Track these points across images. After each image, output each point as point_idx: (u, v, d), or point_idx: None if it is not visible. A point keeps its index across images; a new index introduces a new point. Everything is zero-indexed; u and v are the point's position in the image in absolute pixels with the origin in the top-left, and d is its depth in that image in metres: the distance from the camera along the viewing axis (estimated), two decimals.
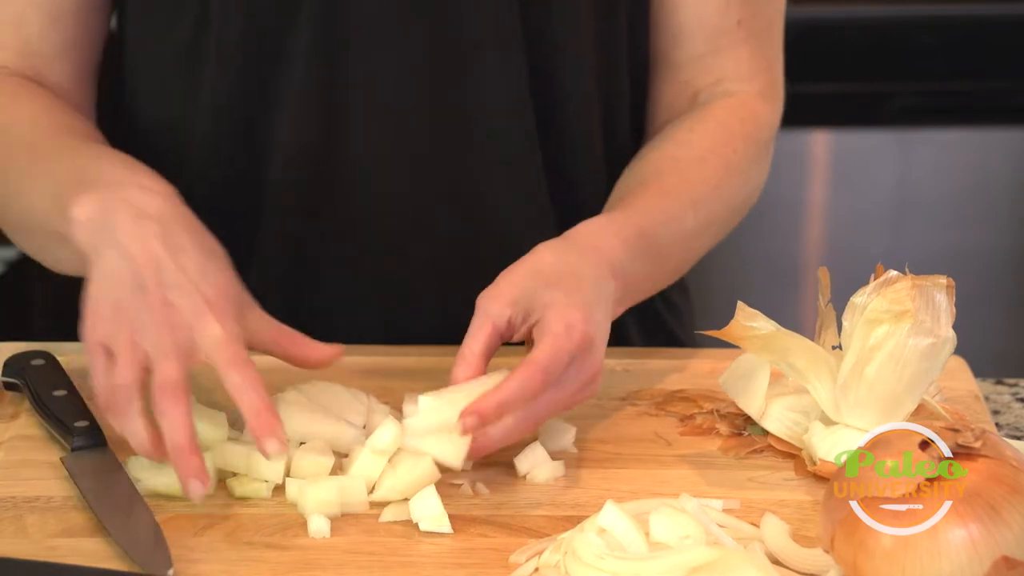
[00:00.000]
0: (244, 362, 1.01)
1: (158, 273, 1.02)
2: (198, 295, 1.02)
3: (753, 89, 1.29)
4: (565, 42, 1.26)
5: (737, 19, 1.28)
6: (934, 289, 1.06)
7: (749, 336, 1.09)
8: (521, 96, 1.25)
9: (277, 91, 1.24)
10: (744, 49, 1.28)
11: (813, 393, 1.10)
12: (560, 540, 0.99)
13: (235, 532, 1.01)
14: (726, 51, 1.28)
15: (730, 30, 1.28)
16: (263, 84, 1.25)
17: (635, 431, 1.15)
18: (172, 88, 1.28)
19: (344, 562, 0.98)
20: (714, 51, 1.28)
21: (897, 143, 2.28)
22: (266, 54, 1.24)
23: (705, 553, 0.94)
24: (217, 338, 1.01)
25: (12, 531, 1.00)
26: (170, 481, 1.04)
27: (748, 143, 1.27)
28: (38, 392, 1.13)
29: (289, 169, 1.26)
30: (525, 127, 1.26)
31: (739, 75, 1.29)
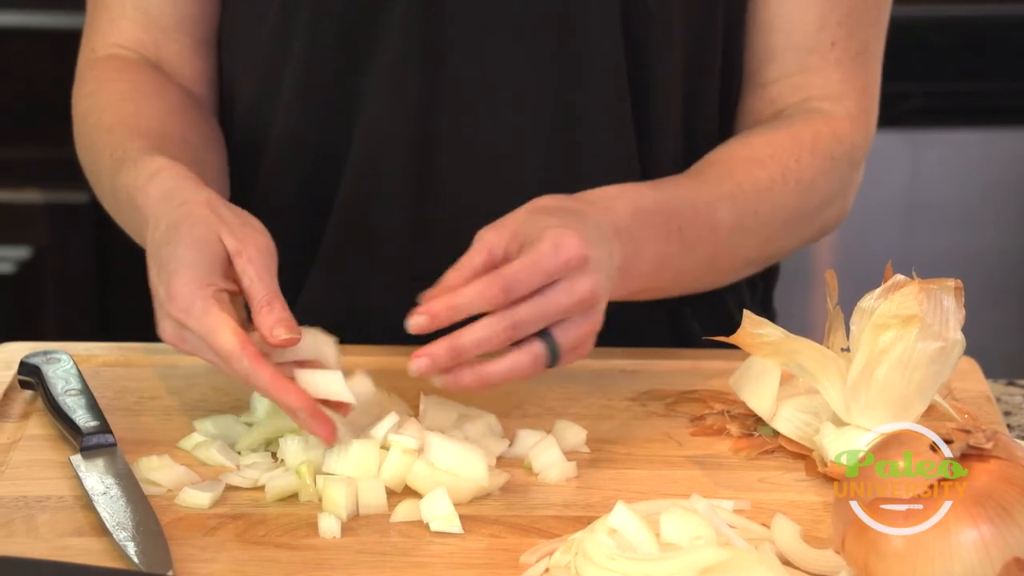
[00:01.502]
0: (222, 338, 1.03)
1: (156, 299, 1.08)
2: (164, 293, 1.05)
3: (841, 109, 1.27)
4: (661, 60, 1.26)
5: (831, 40, 1.26)
6: (942, 292, 1.06)
7: (757, 343, 1.09)
8: (623, 116, 1.26)
9: (369, 72, 1.24)
10: (836, 70, 1.27)
11: (823, 394, 1.10)
12: (571, 540, 0.99)
13: (245, 532, 1.01)
14: (816, 70, 1.27)
15: (823, 50, 1.27)
16: (355, 64, 1.24)
17: (645, 432, 1.15)
18: (261, 70, 1.29)
19: (355, 562, 0.98)
20: (804, 70, 1.27)
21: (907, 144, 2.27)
22: (359, 31, 1.23)
23: (716, 554, 0.94)
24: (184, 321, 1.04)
25: (24, 530, 1.00)
26: (174, 476, 1.05)
27: (817, 156, 1.24)
28: (51, 391, 1.13)
29: (371, 157, 1.26)
30: (627, 139, 1.26)
31: (828, 95, 1.27)
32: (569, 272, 1.05)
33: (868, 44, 1.28)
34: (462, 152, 1.25)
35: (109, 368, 1.21)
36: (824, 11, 1.26)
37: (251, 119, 1.30)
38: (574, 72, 1.24)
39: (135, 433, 1.12)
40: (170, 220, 1.08)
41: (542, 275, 1.04)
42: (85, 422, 1.09)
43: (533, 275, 1.04)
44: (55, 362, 1.16)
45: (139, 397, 1.17)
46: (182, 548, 0.99)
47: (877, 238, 2.27)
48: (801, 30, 1.27)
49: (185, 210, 1.08)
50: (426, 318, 1.03)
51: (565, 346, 1.06)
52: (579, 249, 1.05)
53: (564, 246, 1.05)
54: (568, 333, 1.06)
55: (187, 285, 1.04)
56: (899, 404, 1.07)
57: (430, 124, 1.24)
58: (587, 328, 1.07)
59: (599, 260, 1.07)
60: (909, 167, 2.28)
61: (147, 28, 1.29)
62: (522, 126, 1.24)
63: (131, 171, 1.14)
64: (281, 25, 1.26)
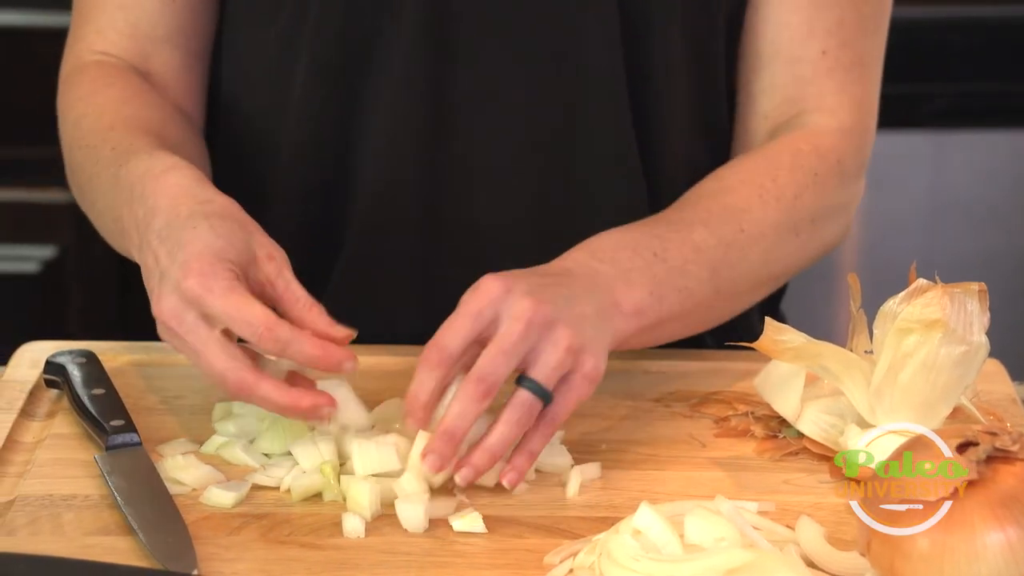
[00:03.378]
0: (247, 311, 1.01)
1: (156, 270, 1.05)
2: (178, 271, 1.03)
3: (833, 122, 1.24)
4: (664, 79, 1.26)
5: (822, 49, 1.24)
6: (966, 296, 1.05)
7: (780, 348, 1.09)
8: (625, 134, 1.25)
9: (374, 85, 1.24)
10: (829, 81, 1.24)
11: (848, 396, 1.10)
12: (595, 541, 0.99)
13: (269, 531, 1.01)
14: (808, 81, 1.24)
15: (813, 59, 1.24)
16: (359, 78, 1.24)
17: (669, 433, 1.15)
18: (266, 82, 1.28)
19: (379, 562, 0.98)
20: (795, 80, 1.25)
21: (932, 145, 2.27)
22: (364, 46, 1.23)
23: (740, 555, 0.94)
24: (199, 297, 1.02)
25: (49, 529, 1.01)
26: (200, 475, 1.05)
27: (797, 173, 1.21)
28: (77, 390, 1.13)
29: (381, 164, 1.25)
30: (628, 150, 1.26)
31: (821, 107, 1.24)
32: (500, 304, 1.04)
33: (864, 55, 1.25)
34: (467, 165, 1.25)
35: (133, 367, 1.21)
36: (811, 17, 1.24)
37: (255, 139, 1.30)
38: (576, 83, 1.24)
39: (160, 432, 1.12)
40: (193, 210, 1.06)
41: (469, 319, 1.04)
42: (110, 421, 1.09)
43: (460, 323, 1.04)
44: (81, 361, 1.17)
45: (163, 396, 1.18)
46: (206, 547, 0.99)
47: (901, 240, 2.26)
48: (787, 36, 1.25)
49: (211, 207, 1.07)
50: (433, 457, 1.03)
51: (547, 380, 1.04)
52: (494, 281, 1.04)
53: (479, 286, 1.05)
54: (544, 366, 1.04)
55: (211, 264, 1.02)
56: (924, 407, 1.07)
57: (435, 139, 1.24)
58: (561, 349, 1.04)
59: (535, 285, 1.05)
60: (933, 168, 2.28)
61: (136, 39, 1.27)
62: (525, 137, 1.24)
63: (144, 161, 1.12)
64: (285, 45, 1.26)
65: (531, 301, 1.04)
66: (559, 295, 1.06)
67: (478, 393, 1.02)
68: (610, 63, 1.23)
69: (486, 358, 1.03)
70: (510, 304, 1.04)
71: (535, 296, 1.04)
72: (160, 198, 1.08)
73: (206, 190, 1.09)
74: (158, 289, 1.05)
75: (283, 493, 1.05)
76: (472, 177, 1.25)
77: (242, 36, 1.29)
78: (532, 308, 1.04)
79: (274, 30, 1.26)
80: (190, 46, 1.29)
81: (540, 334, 1.04)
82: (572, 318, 1.05)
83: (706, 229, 1.17)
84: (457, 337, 1.04)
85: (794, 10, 1.24)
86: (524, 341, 1.03)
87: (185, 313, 1.03)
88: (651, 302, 1.12)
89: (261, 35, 1.27)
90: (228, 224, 1.06)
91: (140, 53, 1.27)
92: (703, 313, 1.19)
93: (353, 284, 1.29)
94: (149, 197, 1.09)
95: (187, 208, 1.06)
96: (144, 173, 1.11)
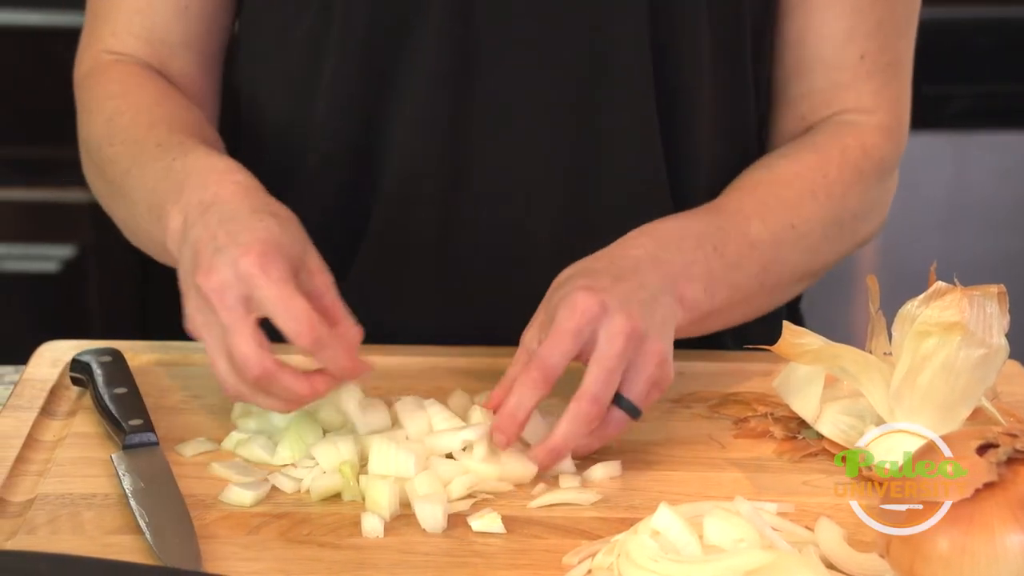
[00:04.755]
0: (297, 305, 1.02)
1: (211, 245, 1.04)
2: (237, 248, 1.03)
3: (873, 121, 1.27)
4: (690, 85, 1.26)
5: (860, 53, 1.26)
6: (985, 299, 1.05)
7: (799, 352, 1.09)
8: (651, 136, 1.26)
9: (401, 86, 1.24)
10: (867, 83, 1.26)
11: (867, 397, 1.10)
12: (614, 542, 0.99)
13: (289, 531, 1.01)
14: (848, 85, 1.26)
15: (853, 64, 1.26)
16: (386, 80, 1.24)
17: (688, 434, 1.15)
18: (292, 85, 1.28)
19: (397, 562, 0.98)
20: (834, 85, 1.27)
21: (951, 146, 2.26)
22: (391, 47, 1.23)
23: (759, 556, 0.93)
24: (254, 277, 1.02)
25: (70, 528, 1.01)
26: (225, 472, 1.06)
27: (845, 170, 1.24)
28: (100, 389, 1.13)
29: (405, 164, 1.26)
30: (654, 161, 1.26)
31: (860, 108, 1.27)
32: (598, 321, 1.06)
33: (899, 56, 1.27)
34: (491, 168, 1.25)
35: (153, 366, 1.22)
36: (853, 24, 1.26)
37: (278, 141, 1.30)
38: (602, 83, 1.24)
39: (179, 432, 1.12)
40: (259, 207, 1.07)
41: (571, 337, 1.06)
42: (129, 420, 1.10)
43: (562, 342, 1.06)
44: (105, 360, 1.17)
45: (184, 396, 1.18)
46: (225, 546, 0.99)
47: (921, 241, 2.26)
48: (830, 44, 1.26)
49: (277, 209, 1.08)
50: (498, 435, 1.06)
51: (638, 396, 1.08)
52: (590, 298, 1.06)
53: (576, 304, 1.06)
54: (637, 383, 1.07)
55: (273, 251, 1.03)
56: (943, 409, 1.07)
57: (460, 141, 1.24)
58: (653, 365, 1.07)
59: (624, 296, 1.07)
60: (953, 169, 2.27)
61: (152, 44, 1.28)
62: (550, 137, 1.25)
63: (203, 157, 1.13)
64: (309, 49, 1.26)
65: (625, 318, 1.06)
66: (643, 303, 1.08)
67: (592, 414, 1.06)
68: (638, 63, 1.23)
69: (594, 379, 1.05)
70: (607, 323, 1.06)
71: (627, 311, 1.06)
72: (223, 190, 1.08)
73: (267, 195, 1.10)
74: (209, 261, 1.04)
75: (302, 493, 1.05)
76: (496, 177, 1.25)
77: (262, 40, 1.30)
78: (628, 324, 1.06)
79: (297, 34, 1.26)
80: (205, 50, 1.30)
81: (635, 350, 1.07)
82: (657, 328, 1.08)
83: (762, 224, 1.19)
84: (560, 356, 1.06)
85: (836, 18, 1.26)
86: (623, 359, 1.06)
87: (230, 289, 1.03)
88: (704, 297, 1.15)
89: (283, 39, 1.27)
90: (291, 228, 1.07)
91: (157, 57, 1.28)
92: (744, 307, 1.21)
93: (372, 284, 1.29)
94: (211, 187, 1.09)
95: (253, 204, 1.07)
96: (206, 168, 1.11)
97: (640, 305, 1.08)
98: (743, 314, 1.22)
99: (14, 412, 1.13)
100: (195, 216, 1.07)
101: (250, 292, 1.02)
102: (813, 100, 1.28)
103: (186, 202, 1.09)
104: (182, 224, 1.08)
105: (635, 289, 1.09)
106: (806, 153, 1.25)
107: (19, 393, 1.16)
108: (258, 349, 1.02)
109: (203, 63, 1.29)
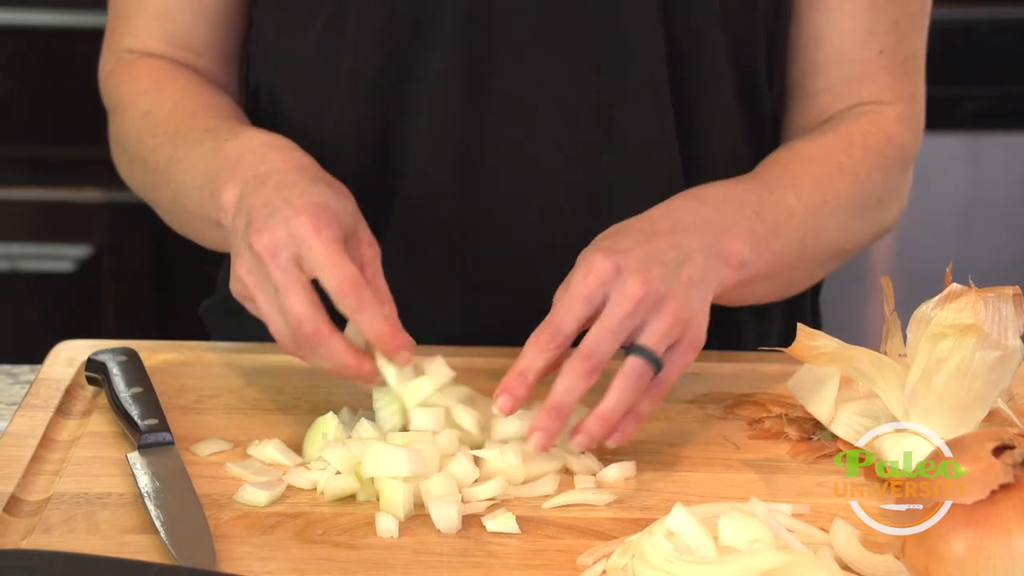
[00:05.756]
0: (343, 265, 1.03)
1: (265, 210, 1.06)
2: (290, 210, 1.05)
3: (892, 112, 1.28)
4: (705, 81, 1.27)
5: (879, 49, 1.27)
6: (1000, 301, 1.05)
7: (814, 354, 1.09)
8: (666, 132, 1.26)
9: (416, 87, 1.25)
10: (886, 77, 1.28)
11: (882, 398, 1.09)
12: (628, 543, 0.99)
13: (304, 531, 1.01)
14: (867, 80, 1.28)
15: (871, 59, 1.28)
16: (401, 80, 1.25)
17: (703, 434, 1.14)
18: (307, 85, 1.29)
19: (412, 562, 0.98)
20: (853, 80, 1.28)
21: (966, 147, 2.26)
22: (405, 49, 1.24)
23: (774, 558, 0.93)
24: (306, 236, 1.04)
25: (85, 527, 1.01)
26: None
27: (868, 153, 1.25)
28: (115, 389, 1.14)
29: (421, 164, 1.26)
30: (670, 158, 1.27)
31: (879, 100, 1.28)
32: (611, 284, 1.06)
33: (915, 50, 1.29)
34: (507, 167, 1.26)
35: (169, 366, 1.22)
36: (872, 21, 1.27)
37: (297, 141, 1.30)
38: (617, 82, 1.24)
39: (193, 431, 1.12)
40: (317, 177, 1.09)
41: (581, 301, 1.06)
42: (144, 420, 1.10)
43: (572, 306, 1.06)
44: (122, 359, 1.17)
45: (199, 396, 1.18)
46: (240, 546, 0.99)
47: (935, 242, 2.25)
48: (850, 41, 1.28)
49: (333, 181, 1.10)
50: (505, 397, 1.05)
51: (657, 347, 1.06)
52: (604, 260, 1.06)
53: (591, 267, 1.06)
54: (652, 334, 1.06)
55: (325, 213, 1.05)
56: (959, 410, 1.07)
57: (476, 140, 1.25)
58: (668, 321, 1.06)
59: (644, 258, 1.07)
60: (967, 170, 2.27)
61: (173, 47, 1.29)
62: (564, 139, 1.25)
63: (258, 135, 1.15)
64: (323, 49, 1.26)
65: (640, 280, 1.06)
66: (667, 264, 1.07)
67: (585, 370, 1.04)
68: (652, 62, 1.24)
69: (593, 336, 1.05)
70: (620, 284, 1.06)
71: (644, 273, 1.06)
72: (282, 163, 1.11)
73: (322, 170, 1.12)
74: (263, 222, 1.06)
75: (317, 493, 1.05)
76: (513, 175, 1.26)
77: (275, 41, 1.30)
78: (642, 287, 1.05)
79: (310, 35, 1.26)
80: (226, 52, 1.31)
81: (648, 311, 1.06)
82: (680, 289, 1.07)
83: (796, 195, 1.20)
84: (570, 319, 1.05)
85: (853, 16, 1.27)
86: (631, 319, 1.05)
87: (283, 249, 1.04)
88: (751, 257, 1.15)
89: (296, 40, 1.28)
90: (344, 197, 1.09)
91: (181, 59, 1.29)
92: (787, 276, 1.22)
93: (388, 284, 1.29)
94: (268, 162, 1.11)
95: (311, 175, 1.09)
96: (263, 144, 1.14)
97: (662, 266, 1.07)
98: (785, 284, 1.24)
99: (30, 411, 1.14)
100: (252, 186, 1.09)
101: (300, 251, 1.04)
102: (832, 95, 1.29)
103: (243, 175, 1.11)
104: (238, 195, 1.10)
105: (662, 250, 1.09)
106: (831, 137, 1.27)
107: (35, 392, 1.16)
108: (311, 308, 1.04)
109: (225, 63, 1.31)
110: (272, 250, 1.05)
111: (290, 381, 1.18)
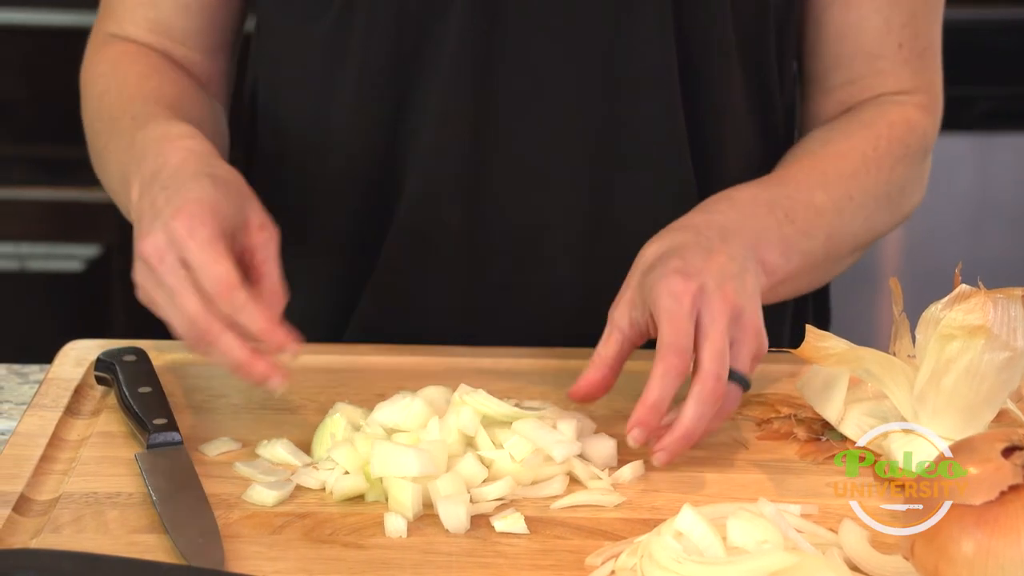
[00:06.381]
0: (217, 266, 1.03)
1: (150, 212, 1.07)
2: (170, 210, 1.05)
3: (913, 100, 1.30)
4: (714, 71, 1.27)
5: (899, 42, 1.29)
6: (1009, 302, 1.05)
7: (822, 355, 1.09)
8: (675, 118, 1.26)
9: (424, 85, 1.25)
10: (904, 70, 1.30)
11: (891, 399, 1.09)
12: (637, 543, 0.99)
13: (312, 530, 1.01)
14: (887, 73, 1.30)
15: (891, 53, 1.29)
16: (410, 79, 1.25)
17: (712, 435, 1.14)
18: (313, 85, 1.29)
19: (420, 562, 0.98)
20: (875, 72, 1.30)
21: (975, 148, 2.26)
22: (414, 45, 1.24)
23: (783, 558, 0.93)
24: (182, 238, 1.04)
25: (94, 527, 1.01)
26: None
27: (893, 144, 1.27)
28: (124, 388, 1.14)
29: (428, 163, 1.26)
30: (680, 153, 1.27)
31: (900, 90, 1.30)
32: (698, 305, 1.07)
33: (931, 41, 1.31)
34: (515, 163, 1.26)
35: (178, 366, 1.22)
36: (890, 15, 1.29)
37: (301, 145, 1.31)
38: (626, 81, 1.24)
39: (202, 431, 1.12)
40: (199, 169, 1.09)
41: (688, 320, 1.07)
42: (153, 419, 1.10)
43: (683, 326, 1.07)
44: (130, 359, 1.17)
45: (208, 395, 1.18)
46: (249, 546, 0.99)
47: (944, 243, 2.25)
48: (869, 36, 1.29)
49: (217, 171, 1.10)
50: (638, 430, 1.07)
51: (746, 368, 1.09)
52: (687, 283, 1.08)
53: (678, 292, 1.07)
54: (742, 358, 1.09)
55: (202, 211, 1.05)
56: (968, 411, 1.07)
57: (484, 137, 1.25)
58: (751, 338, 1.09)
59: (718, 275, 1.09)
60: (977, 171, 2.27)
61: (156, 34, 1.30)
62: (573, 135, 1.25)
63: (161, 126, 1.15)
64: (329, 48, 1.26)
65: (722, 297, 1.08)
66: (735, 277, 1.10)
67: (716, 392, 1.07)
68: (662, 56, 1.24)
69: (709, 358, 1.07)
70: (707, 304, 1.08)
71: (723, 291, 1.08)
72: (172, 156, 1.11)
73: (216, 158, 1.12)
74: (148, 226, 1.07)
75: (326, 493, 1.05)
76: (521, 171, 1.26)
77: (279, 41, 1.30)
78: (727, 307, 1.08)
79: (316, 34, 1.26)
80: (209, 43, 1.31)
81: (735, 327, 1.08)
82: (750, 302, 1.10)
83: (824, 193, 1.22)
84: (688, 339, 1.07)
85: (874, 11, 1.29)
86: (727, 337, 1.08)
87: (167, 253, 1.05)
88: (781, 262, 1.17)
89: (302, 40, 1.28)
90: (229, 186, 1.09)
91: (161, 44, 1.30)
92: (811, 275, 1.24)
93: (396, 283, 1.29)
94: (161, 155, 1.11)
95: (196, 168, 1.09)
96: (160, 137, 1.14)
97: (733, 280, 1.09)
98: (808, 282, 1.26)
99: (39, 411, 1.14)
100: (146, 185, 1.10)
101: (182, 253, 1.05)
102: (855, 87, 1.30)
103: (142, 172, 1.12)
104: (137, 195, 1.11)
105: (726, 263, 1.10)
106: (856, 127, 1.28)
107: (44, 392, 1.16)
108: (202, 307, 1.04)
109: (208, 53, 1.31)
110: (159, 255, 1.05)
111: (298, 381, 1.18)
